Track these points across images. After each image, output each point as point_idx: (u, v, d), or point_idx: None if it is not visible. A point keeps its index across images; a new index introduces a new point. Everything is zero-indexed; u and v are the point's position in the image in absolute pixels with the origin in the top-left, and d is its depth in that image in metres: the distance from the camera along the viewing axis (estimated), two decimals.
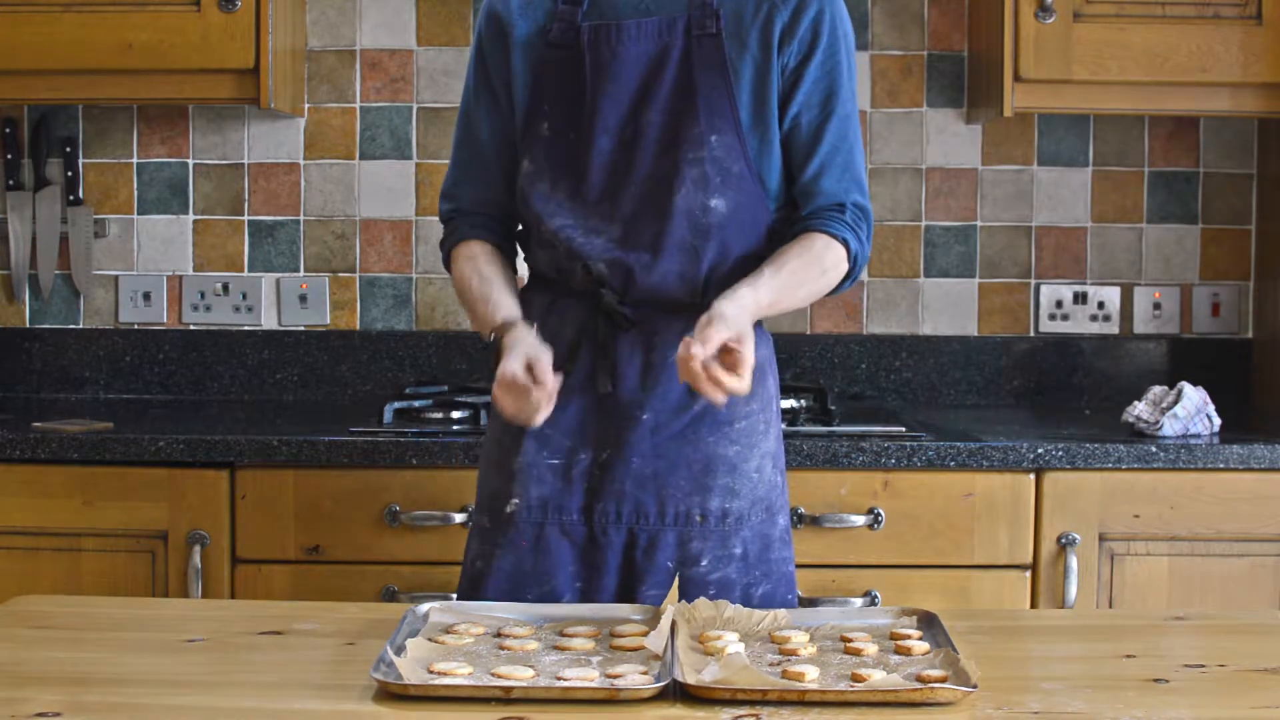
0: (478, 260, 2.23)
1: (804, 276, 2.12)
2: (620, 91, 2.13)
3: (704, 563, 2.14)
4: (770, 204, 2.17)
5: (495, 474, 2.20)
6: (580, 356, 2.15)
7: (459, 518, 2.75)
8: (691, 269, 2.13)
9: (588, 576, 2.15)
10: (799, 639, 1.80)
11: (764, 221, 2.16)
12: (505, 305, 2.16)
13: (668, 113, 2.13)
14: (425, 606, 1.90)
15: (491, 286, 2.19)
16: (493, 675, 1.65)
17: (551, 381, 2.03)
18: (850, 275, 2.18)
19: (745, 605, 2.13)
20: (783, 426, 2.31)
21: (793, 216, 2.20)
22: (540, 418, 2.05)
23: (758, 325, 2.20)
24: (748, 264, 2.13)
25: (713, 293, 2.09)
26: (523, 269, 2.29)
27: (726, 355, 1.95)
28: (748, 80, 2.15)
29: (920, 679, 1.65)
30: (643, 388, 2.14)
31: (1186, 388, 2.89)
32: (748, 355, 1.95)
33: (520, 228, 2.29)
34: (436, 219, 3.37)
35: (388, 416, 2.91)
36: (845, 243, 2.15)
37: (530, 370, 2.03)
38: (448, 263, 2.30)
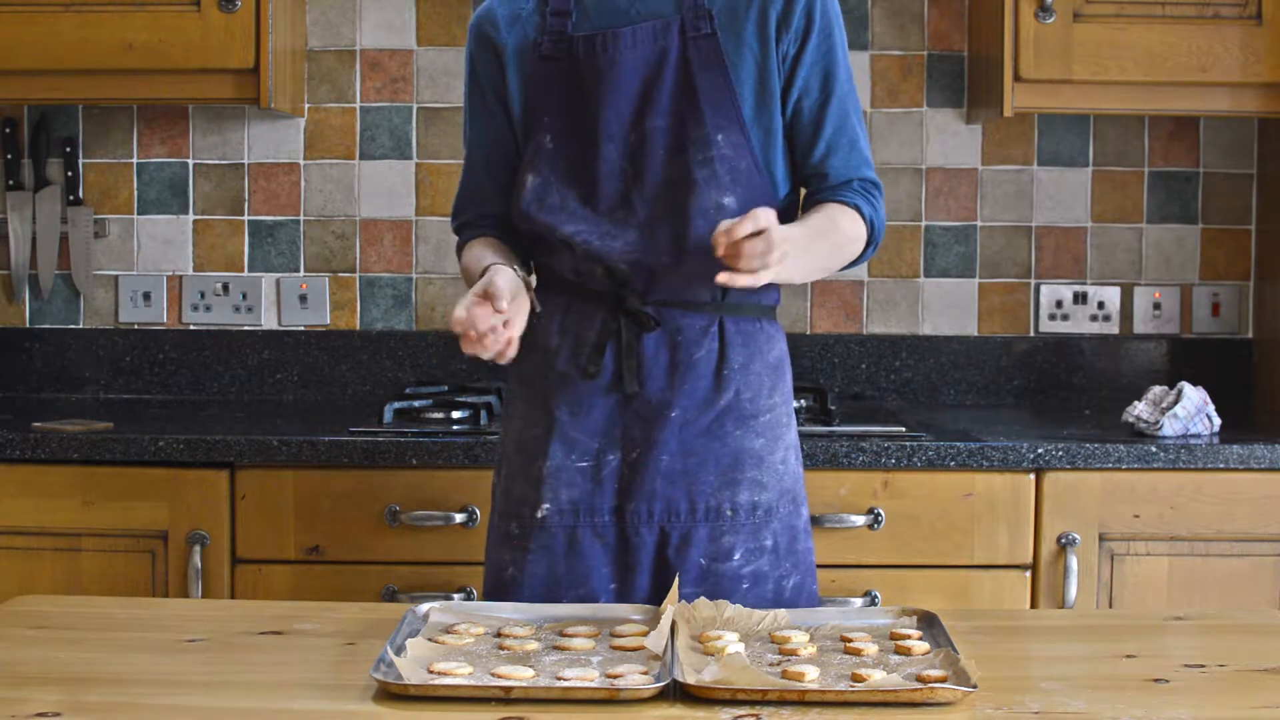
0: (474, 248, 2.23)
1: (821, 226, 2.13)
2: (621, 99, 2.13)
3: (736, 557, 2.14)
4: (778, 194, 2.18)
5: (520, 479, 2.19)
6: (603, 358, 2.16)
7: (459, 518, 2.75)
8: (713, 267, 2.13)
9: (622, 577, 2.15)
10: (799, 639, 1.80)
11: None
12: (495, 260, 2.12)
13: (672, 116, 2.13)
14: (425, 606, 1.91)
15: (487, 256, 2.17)
16: (493, 675, 1.65)
17: (507, 308, 1.98)
18: (871, 241, 2.19)
19: (778, 597, 2.15)
20: None
21: (799, 202, 2.21)
22: (497, 348, 2.01)
23: (773, 321, 2.23)
24: None
25: (732, 290, 2.13)
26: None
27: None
28: (748, 75, 2.15)
29: (920, 679, 1.65)
30: (670, 386, 2.15)
31: (1186, 388, 2.89)
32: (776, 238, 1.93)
33: (526, 235, 2.28)
34: (436, 219, 3.40)
35: (388, 416, 2.91)
36: (857, 207, 2.17)
37: (489, 301, 1.98)
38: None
